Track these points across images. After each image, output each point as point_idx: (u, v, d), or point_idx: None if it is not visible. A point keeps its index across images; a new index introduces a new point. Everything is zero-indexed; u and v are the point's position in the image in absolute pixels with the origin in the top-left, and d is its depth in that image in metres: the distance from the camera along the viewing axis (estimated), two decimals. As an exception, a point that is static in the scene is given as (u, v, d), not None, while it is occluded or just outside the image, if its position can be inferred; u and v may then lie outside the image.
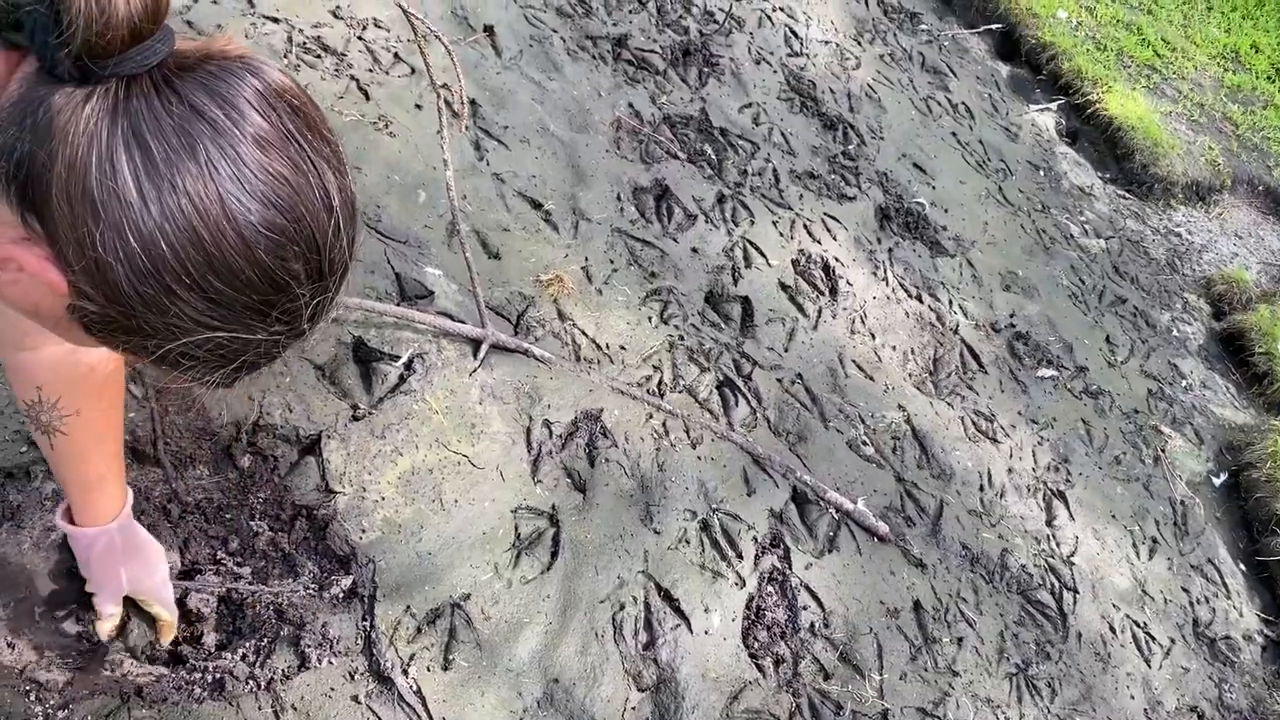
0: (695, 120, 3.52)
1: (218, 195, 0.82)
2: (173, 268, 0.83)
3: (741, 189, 3.35)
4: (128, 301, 0.85)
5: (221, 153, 0.82)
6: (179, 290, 0.84)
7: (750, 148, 3.55)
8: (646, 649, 2.07)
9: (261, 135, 0.84)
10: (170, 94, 0.82)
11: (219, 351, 0.89)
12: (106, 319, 0.88)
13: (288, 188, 0.85)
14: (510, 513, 2.12)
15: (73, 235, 0.83)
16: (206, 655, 1.70)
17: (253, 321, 0.88)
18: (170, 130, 0.81)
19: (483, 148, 2.88)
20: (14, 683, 1.55)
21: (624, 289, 2.77)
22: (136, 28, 0.79)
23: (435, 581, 1.94)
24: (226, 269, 0.84)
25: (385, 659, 1.79)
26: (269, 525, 1.90)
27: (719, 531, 2.34)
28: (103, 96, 0.80)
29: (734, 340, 2.83)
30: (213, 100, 0.82)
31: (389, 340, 2.26)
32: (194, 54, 0.85)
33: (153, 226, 0.81)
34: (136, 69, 0.81)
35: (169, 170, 0.81)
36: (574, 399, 2.39)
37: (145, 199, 0.81)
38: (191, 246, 0.83)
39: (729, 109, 3.68)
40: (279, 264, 0.86)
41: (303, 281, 0.88)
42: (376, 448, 2.07)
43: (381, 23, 2.99)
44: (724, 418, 2.61)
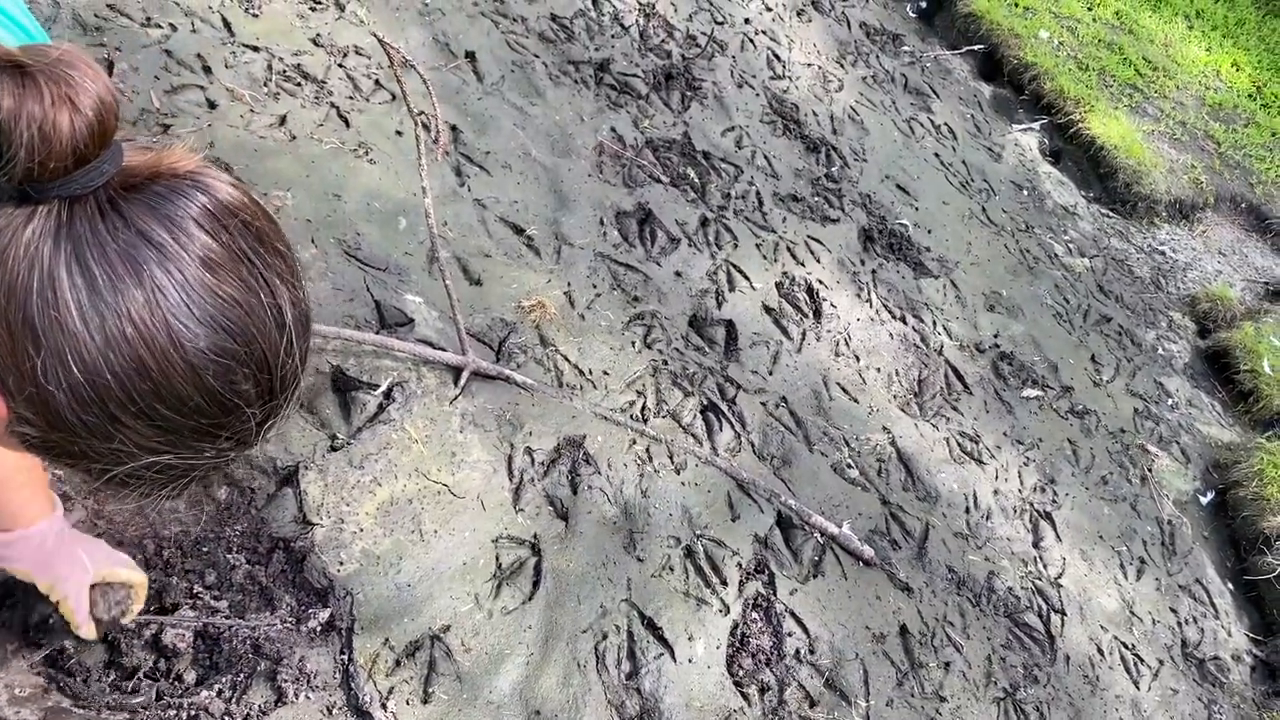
0: (678, 144, 3.53)
1: (164, 321, 0.80)
2: (117, 397, 0.81)
3: (725, 212, 3.35)
4: (71, 429, 0.83)
5: (168, 276, 0.80)
6: (124, 418, 0.82)
7: (733, 171, 3.56)
8: (629, 679, 2.05)
9: (210, 256, 0.82)
10: (115, 216, 0.80)
11: (167, 472, 0.87)
12: (49, 444, 0.86)
13: (238, 310, 0.83)
14: (491, 542, 2.10)
15: (12, 362, 0.80)
16: (182, 691, 1.68)
17: (201, 443, 0.86)
18: (115, 255, 0.79)
19: (464, 174, 2.88)
20: (-17, 724, 1.53)
21: (607, 314, 2.76)
22: (81, 152, 0.77)
23: (415, 613, 1.92)
24: (174, 396, 0.82)
25: (364, 693, 1.77)
26: (246, 558, 1.87)
27: (703, 558, 2.32)
28: (45, 218, 0.78)
29: (718, 364, 2.82)
30: (159, 222, 0.80)
31: (368, 369, 2.24)
32: (142, 171, 0.82)
33: (96, 355, 0.79)
34: (81, 190, 0.79)
35: (113, 296, 0.78)
36: (556, 426, 2.38)
37: (88, 326, 0.78)
38: (137, 375, 0.81)
39: (712, 132, 3.68)
40: (228, 387, 0.84)
41: (253, 401, 0.86)
42: (355, 478, 2.05)
43: (362, 50, 2.99)
44: (708, 442, 2.60)
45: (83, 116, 0.76)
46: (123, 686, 1.65)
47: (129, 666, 1.67)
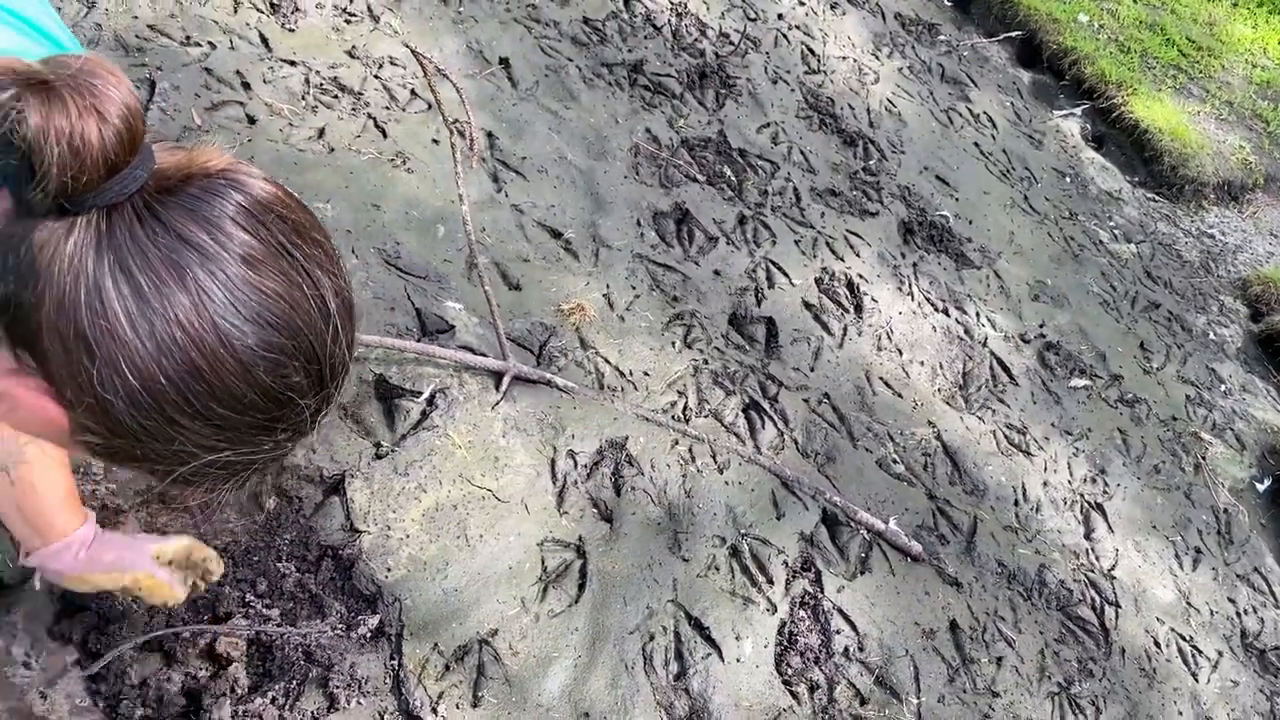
0: (714, 142, 3.52)
1: (212, 322, 0.81)
2: (174, 400, 0.82)
3: (762, 209, 3.34)
4: (132, 434, 0.84)
5: (211, 277, 0.81)
6: (182, 420, 0.83)
7: (770, 167, 3.55)
8: (678, 679, 2.05)
9: (250, 254, 0.82)
10: (154, 221, 0.81)
11: (229, 468, 0.89)
12: (112, 449, 0.87)
13: (282, 304, 0.84)
14: (536, 546, 2.11)
15: (69, 374, 0.82)
16: (237, 699, 1.70)
17: (259, 437, 0.88)
18: (157, 260, 0.80)
19: (501, 179, 2.89)
20: (46, 733, 1.56)
21: (646, 315, 2.76)
22: (112, 161, 0.78)
23: (462, 618, 1.93)
24: (228, 395, 0.83)
25: (414, 698, 1.78)
26: (296, 566, 1.90)
27: (749, 557, 2.31)
28: (84, 229, 0.79)
29: (759, 362, 2.81)
30: (197, 224, 0.81)
31: (410, 376, 2.26)
32: (175, 173, 0.83)
33: (149, 361, 0.80)
34: (116, 198, 0.80)
35: (159, 302, 0.80)
36: (598, 428, 2.38)
37: (139, 333, 0.80)
38: (190, 377, 0.82)
39: (747, 130, 3.67)
40: (280, 381, 0.85)
41: (305, 392, 0.87)
42: (400, 485, 2.07)
43: (397, 61, 3.01)
44: (751, 441, 2.59)
45: (111, 125, 0.76)
46: (178, 696, 1.68)
47: (184, 675, 1.71)
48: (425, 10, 3.24)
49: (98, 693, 1.65)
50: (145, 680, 1.68)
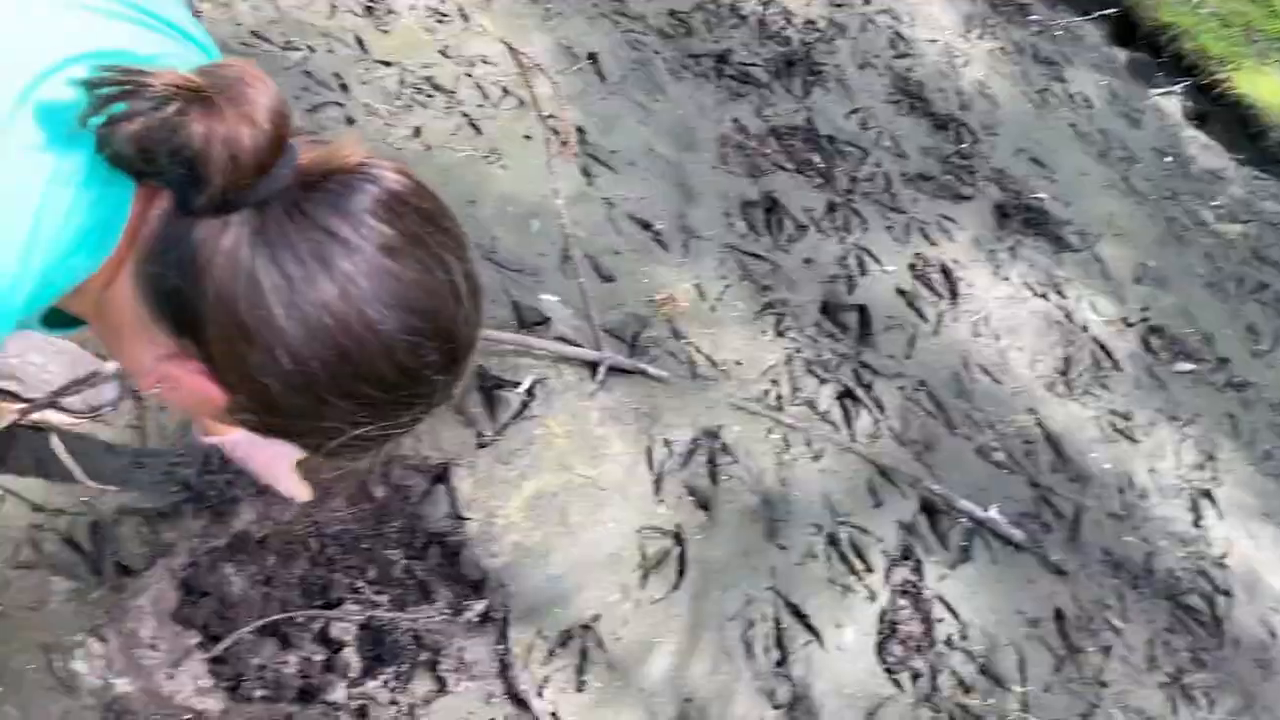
0: (801, 130, 3.50)
1: (357, 309, 0.86)
2: (324, 381, 0.89)
3: (852, 196, 3.31)
4: (285, 413, 0.92)
5: (355, 267, 0.86)
6: (331, 399, 0.90)
7: (859, 154, 3.51)
8: (779, 666, 2.05)
9: (388, 243, 0.88)
10: (300, 216, 0.86)
11: (369, 440, 0.96)
12: (267, 426, 0.95)
13: (418, 289, 0.89)
14: (635, 533, 2.14)
15: (228, 359, 0.88)
16: (350, 682, 1.76)
17: (399, 413, 0.95)
18: (305, 252, 0.85)
19: (591, 173, 2.92)
20: (174, 711, 1.63)
21: (737, 304, 2.76)
22: (263, 163, 0.83)
23: (565, 603, 1.96)
24: (373, 375, 0.90)
25: (521, 681, 1.82)
26: (404, 553, 1.95)
27: (847, 545, 2.30)
28: (239, 225, 0.85)
29: (852, 350, 2.79)
30: (339, 217, 0.87)
31: (509, 367, 2.30)
32: (316, 169, 0.89)
33: (301, 346, 0.87)
34: (265, 196, 0.85)
35: (309, 291, 0.85)
36: (693, 417, 2.40)
37: (292, 321, 0.86)
38: (339, 361, 0.88)
39: (835, 116, 3.64)
40: (418, 361, 0.91)
41: (439, 370, 0.93)
42: (503, 474, 2.11)
43: (489, 59, 3.06)
44: (846, 429, 2.58)
45: (261, 130, 0.82)
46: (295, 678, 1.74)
47: (299, 659, 1.77)
48: (515, 8, 3.28)
49: (219, 674, 1.72)
50: (263, 663, 1.74)
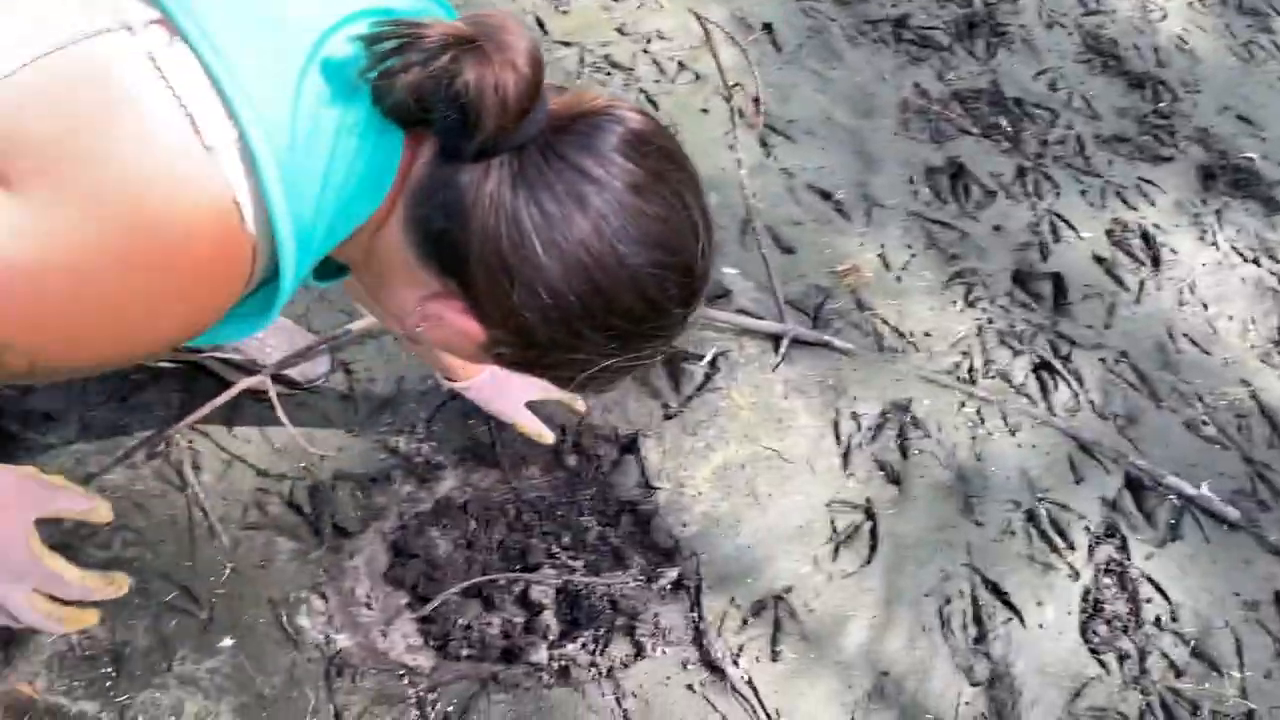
0: (986, 93, 3.36)
1: (610, 245, 0.91)
2: (579, 314, 0.93)
3: (1043, 160, 3.17)
4: (542, 347, 0.96)
5: (606, 204, 0.90)
6: (585, 332, 0.95)
7: (1049, 116, 3.35)
8: (977, 643, 1.99)
9: (635, 181, 0.91)
10: (555, 158, 0.90)
11: (613, 372, 1.01)
12: (524, 360, 1.00)
13: (663, 226, 0.93)
14: (824, 506, 2.11)
15: (490, 295, 0.93)
16: (550, 644, 1.80)
17: (644, 345, 1.00)
18: (561, 192, 0.89)
19: (769, 144, 2.89)
20: (390, 667, 1.71)
21: (924, 274, 2.68)
22: (524, 107, 0.87)
23: (757, 574, 1.96)
24: (623, 308, 0.94)
25: (715, 649, 1.83)
26: (597, 520, 1.99)
27: (1046, 522, 2.21)
28: (500, 169, 0.89)
29: (1048, 320, 2.67)
30: (591, 157, 0.90)
31: (693, 340, 2.31)
32: (565, 113, 0.93)
33: (559, 281, 0.91)
34: (524, 140, 0.89)
35: (566, 229, 0.89)
36: (880, 390, 2.34)
37: (550, 258, 0.90)
38: (593, 295, 0.92)
39: (1022, 78, 3.48)
40: (663, 295, 0.95)
41: (680, 304, 0.98)
42: (690, 445, 2.12)
43: (665, 34, 3.07)
44: (1043, 402, 2.47)
45: (524, 75, 0.86)
46: (498, 639, 1.80)
47: (502, 620, 1.82)
48: (688, -18, 3.27)
49: (429, 633, 1.79)
50: (469, 623, 1.80)
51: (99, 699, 1.56)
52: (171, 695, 1.59)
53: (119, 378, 1.90)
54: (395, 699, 1.67)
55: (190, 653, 1.63)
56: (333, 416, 1.96)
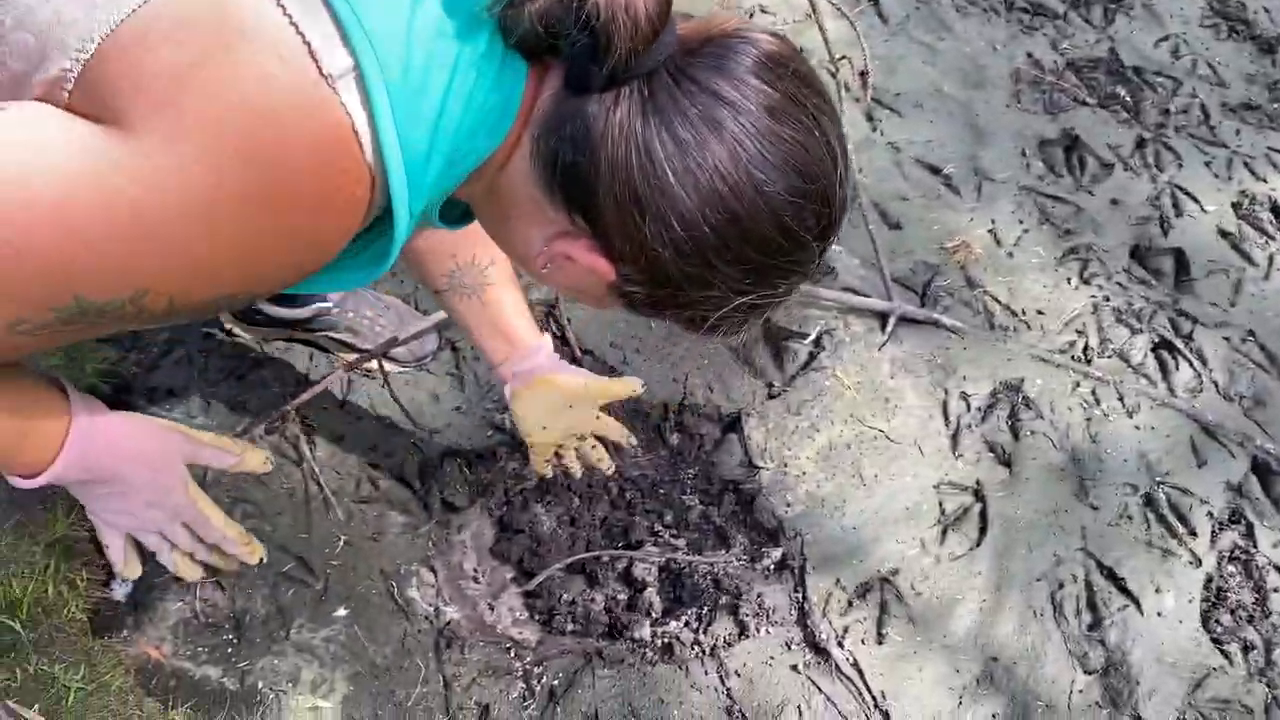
0: (1104, 62, 3.23)
1: (746, 172, 0.86)
2: (714, 246, 0.89)
3: (1164, 130, 3.03)
4: (675, 283, 0.92)
5: (742, 129, 0.85)
6: (720, 266, 0.90)
7: (1171, 84, 3.20)
8: (1091, 629, 1.93)
9: (771, 104, 0.86)
10: (687, 82, 0.86)
11: (746, 311, 0.95)
12: (653, 299, 0.96)
13: (801, 151, 0.87)
14: (932, 488, 2.07)
15: (621, 232, 0.90)
16: (653, 621, 1.81)
17: (778, 281, 0.94)
18: (695, 117, 0.85)
19: (875, 118, 2.83)
20: (497, 639, 1.74)
21: (1037, 250, 2.60)
22: (655, 30, 0.84)
23: (862, 555, 1.93)
24: (760, 239, 0.89)
25: (820, 630, 1.81)
26: (699, 499, 1.99)
27: (1166, 506, 2.13)
28: (629, 97, 0.86)
29: (1168, 297, 2.57)
30: (724, 79, 0.86)
31: (796, 319, 2.28)
32: (695, 37, 0.88)
33: (694, 212, 0.87)
34: (654, 65, 0.86)
35: (701, 156, 0.85)
36: (991, 369, 2.28)
37: (684, 187, 0.86)
38: (729, 225, 0.88)
39: (1142, 45, 3.34)
40: (801, 225, 0.90)
41: (817, 235, 0.92)
42: (794, 424, 2.10)
43: (766, 8, 3.02)
44: (1163, 383, 2.37)
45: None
46: (602, 614, 1.81)
47: (605, 597, 1.84)
48: (791, -46, 3.22)
49: (534, 608, 1.82)
50: (573, 599, 1.82)
51: (221, 664, 1.63)
52: (289, 662, 1.64)
53: (237, 356, 1.97)
54: (502, 671, 1.69)
55: (306, 621, 1.69)
56: (441, 394, 2.00)
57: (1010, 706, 1.81)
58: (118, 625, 1.63)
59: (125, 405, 1.85)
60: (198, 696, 1.59)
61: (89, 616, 1.62)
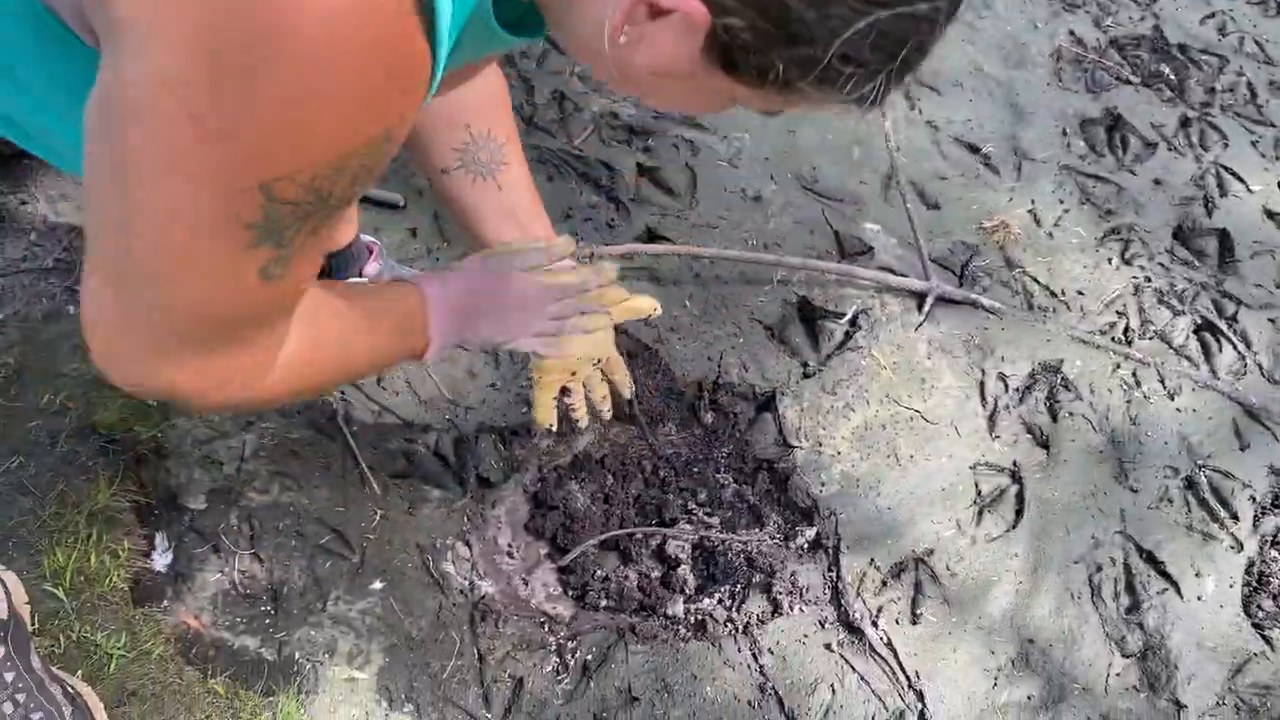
0: (1148, 39, 3.18)
1: None
2: None
3: (1209, 109, 2.98)
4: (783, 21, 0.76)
5: None
6: None
7: (1217, 62, 3.14)
8: (1129, 613, 1.91)
9: None
10: None
11: (880, 43, 0.78)
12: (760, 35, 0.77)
13: None
14: (969, 469, 2.05)
15: None
16: (686, 598, 1.81)
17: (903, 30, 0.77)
18: None
19: (913, 96, 2.80)
20: (531, 614, 1.75)
21: (1077, 230, 2.56)
22: None
23: (897, 536, 1.92)
24: None
25: (854, 610, 1.80)
26: (733, 478, 1.98)
27: (1207, 490, 2.10)
28: None
29: (1212, 278, 2.52)
30: None
31: (832, 298, 2.27)
32: None
33: None
34: None
35: None
36: (1029, 350, 2.26)
37: None
38: None
39: (1187, 22, 3.28)
40: None
41: None
42: (829, 404, 2.09)
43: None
44: (1205, 365, 2.34)
45: None
46: (635, 591, 1.82)
47: (638, 574, 1.84)
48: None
49: (568, 583, 1.82)
50: (607, 575, 1.83)
51: (259, 634, 1.65)
52: (326, 634, 1.66)
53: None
54: (536, 645, 1.70)
55: (343, 594, 1.70)
56: (476, 370, 2.01)
57: (1046, 689, 1.80)
58: (158, 595, 1.65)
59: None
60: (236, 666, 1.61)
61: (130, 586, 1.64)
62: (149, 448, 1.77)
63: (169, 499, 1.73)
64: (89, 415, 1.76)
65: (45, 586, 1.57)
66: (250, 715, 1.54)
